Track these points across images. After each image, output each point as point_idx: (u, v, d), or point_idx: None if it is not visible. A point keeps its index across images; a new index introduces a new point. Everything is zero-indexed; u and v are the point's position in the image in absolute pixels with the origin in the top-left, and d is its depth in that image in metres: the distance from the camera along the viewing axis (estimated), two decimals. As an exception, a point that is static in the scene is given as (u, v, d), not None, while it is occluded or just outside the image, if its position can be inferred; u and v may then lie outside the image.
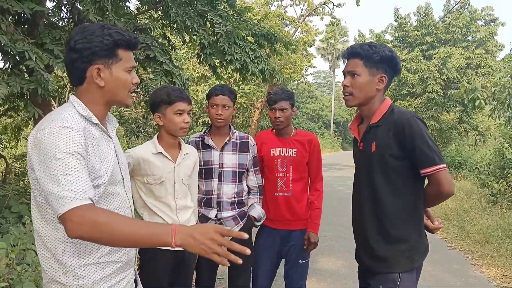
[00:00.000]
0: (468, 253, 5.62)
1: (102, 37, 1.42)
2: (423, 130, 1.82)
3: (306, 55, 19.87)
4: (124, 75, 1.48)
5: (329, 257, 5.17)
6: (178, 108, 2.29)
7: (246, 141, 2.74)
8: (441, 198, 1.90)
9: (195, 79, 16.37)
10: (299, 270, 2.86)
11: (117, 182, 1.53)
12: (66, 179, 1.24)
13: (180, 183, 2.36)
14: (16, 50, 3.74)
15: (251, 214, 2.71)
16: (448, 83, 17.14)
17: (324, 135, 39.67)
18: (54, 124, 1.32)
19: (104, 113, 1.54)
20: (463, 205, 8.11)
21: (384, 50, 1.92)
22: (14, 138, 10.01)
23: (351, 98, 1.98)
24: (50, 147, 1.28)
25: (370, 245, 1.96)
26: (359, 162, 2.09)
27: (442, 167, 1.80)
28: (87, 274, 1.40)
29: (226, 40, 5.98)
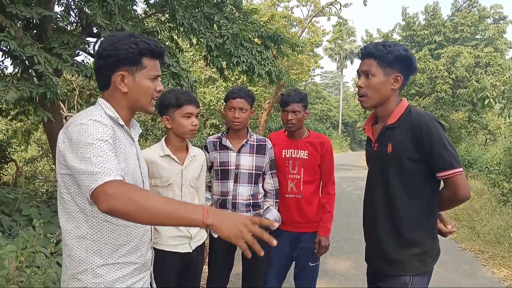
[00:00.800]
0: (479, 253, 5.57)
1: (128, 45, 1.48)
2: (442, 133, 1.79)
3: (313, 55, 19.83)
4: (147, 82, 1.53)
5: (338, 258, 5.16)
6: (187, 111, 2.30)
7: (264, 144, 2.73)
8: (457, 202, 1.89)
9: (202, 81, 16.42)
10: (309, 273, 2.84)
11: (139, 184, 1.57)
12: (98, 159, 1.27)
13: (188, 186, 2.36)
14: (25, 55, 3.79)
15: (266, 217, 2.67)
16: (457, 82, 17.00)
17: (332, 136, 39.55)
18: (85, 118, 1.38)
19: (128, 117, 1.60)
20: (473, 205, 8.03)
21: (399, 49, 1.88)
22: (24, 142, 10.12)
23: (366, 100, 1.96)
24: (82, 135, 1.33)
25: (382, 248, 1.93)
26: (373, 163, 2.05)
27: (459, 171, 1.77)
28: (105, 273, 1.44)
29: (233, 42, 5.99)
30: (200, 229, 2.40)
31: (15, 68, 4.30)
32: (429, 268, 1.92)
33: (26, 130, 9.97)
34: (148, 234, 1.63)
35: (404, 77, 1.93)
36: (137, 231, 1.55)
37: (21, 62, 4.16)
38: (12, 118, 8.56)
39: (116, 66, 1.49)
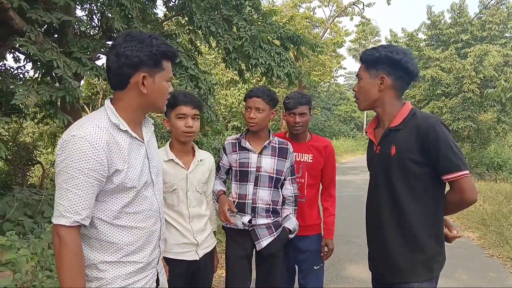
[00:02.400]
0: (507, 260, 5.32)
1: (151, 47, 1.50)
2: (447, 135, 1.77)
3: (335, 56, 19.63)
4: (165, 84, 1.58)
5: (358, 264, 5.02)
6: (179, 112, 2.22)
7: (286, 147, 2.63)
8: (463, 206, 1.86)
9: (224, 84, 16.48)
10: (315, 276, 2.81)
11: (147, 185, 1.60)
12: (67, 194, 1.38)
13: (194, 191, 2.30)
14: (45, 59, 3.84)
15: (286, 226, 2.57)
16: (485, 82, 16.49)
17: (357, 137, 39.02)
18: (80, 132, 1.41)
19: (139, 118, 1.62)
20: (501, 210, 7.72)
21: (383, 51, 1.90)
22: (50, 145, 10.36)
23: (358, 102, 2.04)
24: (66, 158, 1.39)
25: (389, 254, 1.89)
26: (376, 166, 2.02)
27: (466, 174, 1.75)
28: (108, 269, 1.49)
29: (251, 44, 5.96)
30: (207, 236, 2.36)
31: (35, 72, 4.38)
32: (436, 274, 1.88)
33: (52, 133, 10.20)
34: (155, 234, 1.65)
35: (395, 79, 1.91)
36: (142, 233, 1.58)
37: (41, 67, 4.23)
38: (39, 121, 8.76)
39: (138, 66, 1.50)
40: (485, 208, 8.02)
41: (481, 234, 6.52)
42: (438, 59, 17.11)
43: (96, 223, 1.48)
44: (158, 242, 1.68)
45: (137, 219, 1.56)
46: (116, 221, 1.50)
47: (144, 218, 1.58)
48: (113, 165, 1.45)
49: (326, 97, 38.78)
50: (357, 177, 14.75)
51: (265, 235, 2.48)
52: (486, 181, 13.32)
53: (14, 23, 3.91)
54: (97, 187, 1.43)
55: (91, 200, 1.42)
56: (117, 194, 1.50)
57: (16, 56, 5.70)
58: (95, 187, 1.42)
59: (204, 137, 8.51)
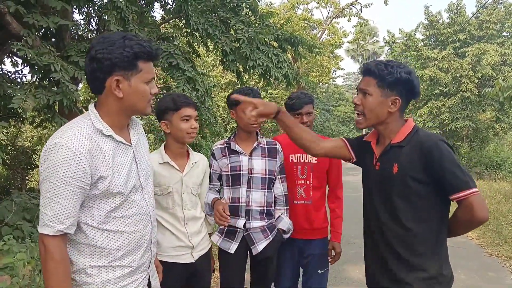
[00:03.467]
0: (506, 259, 5.33)
1: (123, 49, 1.43)
2: (452, 153, 1.69)
3: (333, 57, 19.65)
4: (142, 86, 1.49)
5: (357, 265, 5.01)
6: (185, 113, 2.23)
7: (275, 147, 2.63)
8: (473, 226, 1.75)
9: (223, 86, 16.48)
10: (318, 281, 2.76)
11: (135, 189, 1.57)
12: (50, 203, 1.37)
13: (189, 193, 2.30)
14: (42, 63, 3.85)
15: (280, 227, 2.56)
16: (483, 81, 16.51)
17: (355, 138, 39.04)
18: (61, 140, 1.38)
19: (123, 122, 1.57)
20: (500, 208, 7.74)
21: (401, 72, 1.77)
22: (49, 148, 10.35)
23: (362, 120, 1.87)
24: (49, 167, 1.37)
25: (389, 269, 1.82)
26: (374, 182, 1.92)
27: (475, 191, 1.64)
28: (96, 274, 1.48)
29: (249, 46, 5.97)
30: (203, 238, 2.36)
31: (33, 76, 4.39)
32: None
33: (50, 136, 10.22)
34: (145, 238, 1.62)
35: (404, 101, 1.83)
36: (132, 237, 1.55)
37: (39, 71, 4.24)
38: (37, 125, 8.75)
39: (111, 70, 1.44)
40: (484, 208, 8.03)
41: (480, 234, 6.52)
42: (436, 59, 17.13)
43: (83, 228, 1.46)
44: (150, 245, 1.65)
45: (126, 223, 1.53)
46: (104, 225, 1.48)
47: (133, 222, 1.56)
48: (97, 172, 1.43)
49: (325, 98, 38.79)
50: (356, 177, 14.75)
51: (261, 239, 2.47)
52: (485, 180, 13.33)
53: (12, 27, 3.92)
54: (80, 195, 1.41)
55: (75, 208, 1.41)
56: (103, 200, 1.47)
57: (14, 60, 5.71)
58: (79, 195, 1.40)
59: (203, 139, 8.51)
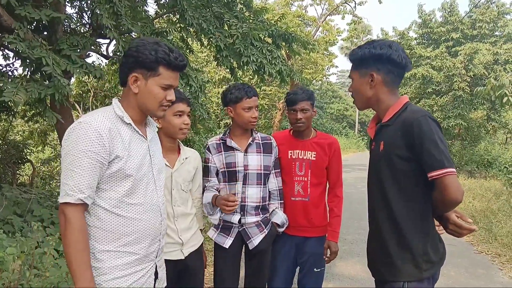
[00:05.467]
0: (495, 257, 5.39)
1: (149, 51, 1.59)
2: (434, 130, 1.68)
3: (327, 54, 19.67)
4: (157, 89, 1.63)
5: (348, 261, 5.05)
6: (178, 109, 2.22)
7: (269, 142, 2.65)
8: (446, 206, 1.73)
9: (216, 82, 16.45)
10: (314, 279, 2.75)
11: (148, 180, 1.68)
12: (72, 174, 1.48)
13: (179, 190, 2.27)
14: (34, 56, 3.81)
15: (274, 221, 2.59)
16: (475, 80, 16.65)
17: (349, 135, 39.19)
18: (86, 119, 1.54)
19: (140, 116, 1.70)
20: (490, 206, 7.82)
21: (364, 49, 1.90)
22: (41, 143, 10.26)
23: (356, 103, 2.04)
24: (72, 142, 1.50)
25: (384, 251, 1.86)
26: (370, 163, 2.01)
27: (450, 171, 1.64)
28: (105, 259, 1.56)
29: (242, 41, 5.95)
30: (193, 234, 2.35)
31: (24, 69, 4.34)
32: (427, 274, 1.81)
33: (42, 131, 10.11)
34: (153, 228, 1.69)
35: (385, 73, 1.87)
36: (141, 225, 1.63)
37: (30, 64, 4.19)
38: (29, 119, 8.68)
39: (133, 67, 1.61)
40: (474, 205, 8.11)
41: (470, 231, 6.57)
42: (429, 57, 17.23)
43: (97, 210, 1.56)
44: (158, 236, 1.73)
45: (136, 211, 1.62)
46: (116, 209, 1.58)
47: (144, 210, 1.65)
48: (114, 151, 1.55)
49: (319, 95, 38.88)
50: (349, 175, 14.81)
51: (256, 233, 2.50)
52: (476, 178, 13.45)
53: (3, 20, 3.87)
54: (99, 169, 1.52)
55: (94, 180, 1.52)
56: (117, 182, 1.58)
57: (5, 53, 5.64)
58: (97, 169, 1.51)
59: (196, 135, 8.49)
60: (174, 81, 1.67)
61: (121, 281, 1.58)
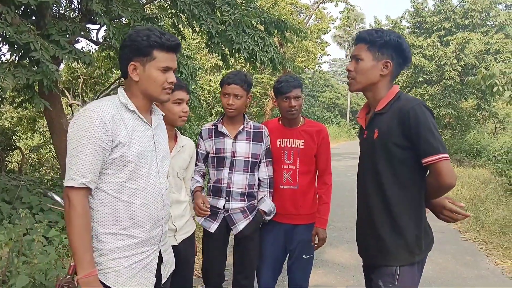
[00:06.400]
0: (482, 244, 5.48)
1: (141, 38, 1.64)
2: (429, 118, 1.75)
3: (320, 43, 19.59)
4: (156, 73, 1.67)
5: (337, 248, 5.10)
6: (177, 97, 2.25)
7: (261, 131, 2.67)
8: (440, 190, 1.81)
9: (208, 69, 16.34)
10: (303, 266, 2.77)
11: (151, 166, 1.72)
12: (75, 160, 1.54)
13: (175, 177, 2.30)
14: (21, 41, 3.74)
15: (261, 208, 2.63)
16: (466, 70, 16.71)
17: (340, 124, 39.30)
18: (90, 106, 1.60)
19: (145, 104, 1.73)
20: (478, 195, 7.92)
21: (391, 35, 1.88)
22: (30, 130, 10.15)
23: (353, 83, 1.97)
24: (77, 128, 1.56)
25: (378, 237, 1.90)
26: (363, 151, 2.04)
27: (444, 157, 1.71)
28: (107, 241, 1.62)
29: (234, 28, 5.89)
30: (186, 221, 2.37)
31: (12, 55, 4.27)
32: (418, 258, 1.88)
33: (31, 117, 9.99)
34: (155, 213, 1.73)
35: (395, 65, 1.91)
36: (141, 209, 1.68)
37: (18, 49, 4.12)
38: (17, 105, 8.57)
39: (130, 56, 1.66)
40: (462, 194, 8.21)
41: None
42: (421, 46, 17.24)
43: (100, 195, 1.62)
44: (160, 221, 1.77)
45: (137, 196, 1.67)
46: (118, 194, 1.63)
47: (144, 196, 1.69)
48: (117, 137, 1.60)
49: (311, 83, 38.82)
50: (339, 163, 14.89)
51: (241, 219, 2.55)
52: (465, 167, 13.60)
53: (-11, 4, 3.79)
54: (102, 154, 1.57)
55: (97, 166, 1.57)
56: (119, 167, 1.63)
57: (-8, 38, 5.54)
58: (100, 154, 1.57)
59: (187, 123, 8.45)
60: (172, 62, 1.70)
61: (122, 262, 1.64)
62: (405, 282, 1.84)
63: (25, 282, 2.18)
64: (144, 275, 1.71)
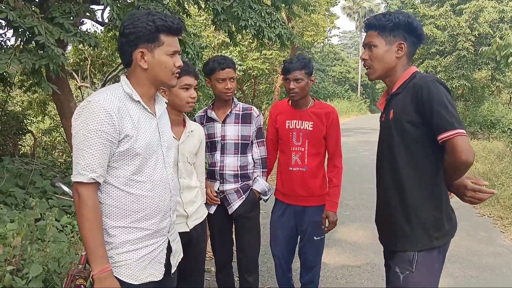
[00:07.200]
0: (498, 219, 5.42)
1: (146, 23, 1.57)
2: (443, 93, 1.68)
3: (329, 15, 19.19)
4: (165, 58, 1.62)
5: (350, 227, 5.07)
6: (185, 82, 2.22)
7: (249, 112, 2.69)
8: (458, 169, 1.67)
9: (216, 46, 16.15)
10: (314, 247, 2.78)
11: (157, 157, 1.70)
12: (83, 154, 1.51)
13: (185, 162, 2.28)
14: (25, 25, 3.69)
15: (254, 188, 2.70)
16: (480, 39, 16.28)
17: (351, 98, 38.89)
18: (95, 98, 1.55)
19: (150, 93, 1.70)
20: (493, 169, 7.80)
21: (398, 16, 1.85)
22: (40, 113, 10.19)
23: (371, 72, 1.95)
24: (82, 122, 1.53)
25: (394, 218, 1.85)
26: (381, 133, 1.99)
27: (460, 132, 1.62)
28: (117, 234, 1.61)
29: (240, 4, 5.76)
30: (198, 207, 2.35)
31: (16, 40, 4.22)
32: (438, 243, 1.79)
33: (41, 101, 10.02)
34: (163, 204, 1.72)
35: (409, 45, 1.88)
36: (151, 202, 1.67)
37: (22, 34, 4.07)
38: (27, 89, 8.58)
39: (136, 43, 1.59)
40: (477, 168, 8.09)
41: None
42: (433, 16, 16.79)
43: (108, 188, 1.60)
44: (169, 212, 1.77)
45: (146, 188, 1.65)
46: (126, 187, 1.61)
47: (152, 187, 1.68)
48: (124, 130, 1.57)
49: (320, 58, 38.25)
50: (350, 139, 14.79)
51: (235, 199, 2.65)
52: (479, 139, 13.40)
53: (-10, -13, 3.72)
54: (109, 148, 1.55)
55: (105, 160, 1.55)
56: (126, 160, 1.60)
57: (-3, 23, 5.49)
58: (108, 148, 1.54)
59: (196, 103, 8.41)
60: (177, 45, 1.67)
61: (132, 254, 1.64)
62: (424, 268, 1.77)
63: (38, 271, 2.18)
64: (155, 266, 1.71)
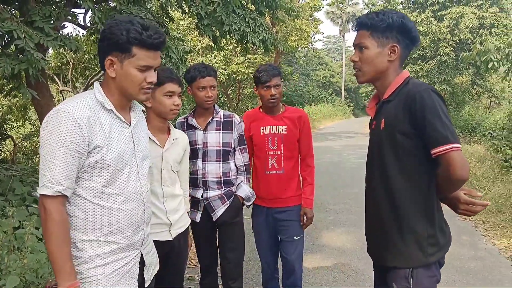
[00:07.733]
0: (479, 223, 5.47)
1: (121, 32, 1.50)
2: (437, 103, 1.57)
3: (312, 20, 19.32)
4: (134, 71, 1.55)
5: (334, 232, 5.07)
6: (168, 89, 2.19)
7: (231, 119, 2.70)
8: (452, 184, 1.60)
9: (200, 50, 16.12)
10: (295, 247, 2.83)
11: (131, 168, 1.63)
12: (49, 165, 1.43)
13: (169, 170, 2.25)
14: (4, 29, 3.61)
15: (238, 194, 2.71)
16: (461, 45, 16.61)
17: (335, 102, 39.16)
18: (64, 106, 1.47)
19: (122, 102, 1.63)
20: (474, 173, 7.88)
21: (392, 16, 1.71)
22: (21, 118, 10.00)
23: (361, 74, 1.82)
24: (50, 131, 1.44)
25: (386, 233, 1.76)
26: (371, 141, 1.90)
27: (455, 147, 1.53)
28: (86, 248, 1.54)
29: (224, 9, 5.74)
30: (181, 216, 2.32)
31: (-5, 44, 4.13)
32: (434, 259, 1.70)
33: (21, 105, 9.82)
34: (136, 217, 1.65)
35: (402, 47, 1.75)
36: (123, 215, 1.60)
37: (1, 38, 3.98)
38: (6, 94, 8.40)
39: (107, 50, 1.54)
40: (458, 171, 8.17)
41: (455, 197, 6.65)
42: (415, 22, 17.03)
43: (77, 200, 1.53)
44: (142, 225, 1.70)
45: (118, 201, 1.59)
46: (97, 200, 1.54)
47: (125, 200, 1.61)
48: (94, 140, 1.49)
49: (304, 62, 38.49)
50: (335, 143, 14.88)
51: (219, 205, 2.64)
52: (460, 143, 13.57)
53: (-33, -10, 3.63)
54: (77, 159, 1.47)
55: (73, 171, 1.47)
56: (97, 172, 1.53)
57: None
58: (76, 159, 1.46)
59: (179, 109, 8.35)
60: (153, 61, 1.57)
61: (103, 269, 1.56)
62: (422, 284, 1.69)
63: (15, 282, 2.12)
64: (127, 281, 1.64)
